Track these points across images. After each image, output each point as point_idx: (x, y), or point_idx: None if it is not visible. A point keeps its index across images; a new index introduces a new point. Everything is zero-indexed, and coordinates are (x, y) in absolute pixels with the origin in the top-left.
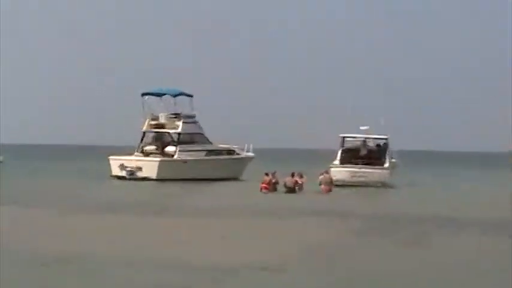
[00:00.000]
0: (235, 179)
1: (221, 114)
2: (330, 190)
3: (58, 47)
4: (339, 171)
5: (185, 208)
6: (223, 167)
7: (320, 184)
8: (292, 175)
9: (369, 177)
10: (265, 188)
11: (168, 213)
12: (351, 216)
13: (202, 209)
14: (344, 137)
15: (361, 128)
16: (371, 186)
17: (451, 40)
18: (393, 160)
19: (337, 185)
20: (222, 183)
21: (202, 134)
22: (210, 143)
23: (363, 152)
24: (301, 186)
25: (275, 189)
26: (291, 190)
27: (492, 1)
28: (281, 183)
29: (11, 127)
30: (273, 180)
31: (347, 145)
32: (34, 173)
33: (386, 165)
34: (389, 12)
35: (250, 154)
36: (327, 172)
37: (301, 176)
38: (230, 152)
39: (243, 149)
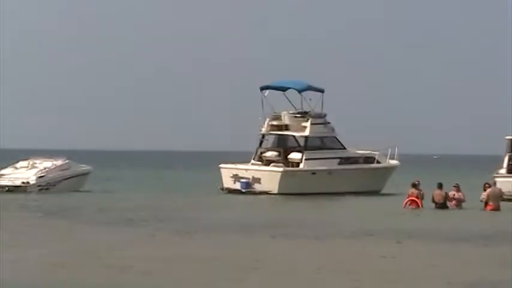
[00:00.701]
0: (375, 192)
1: (356, 112)
2: (497, 208)
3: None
4: (506, 182)
5: (342, 230)
6: (361, 179)
7: (484, 201)
8: (440, 186)
9: None
10: (413, 202)
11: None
12: None
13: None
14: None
15: None
16: None
17: None
18: None
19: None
20: (359, 198)
21: (335, 137)
22: (344, 148)
23: None
24: (458, 202)
25: (421, 205)
26: (441, 205)
27: None
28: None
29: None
30: (421, 192)
31: None
32: (135, 185)
33: None
34: None
35: (395, 162)
36: (494, 183)
37: (458, 189)
38: (369, 159)
39: (385, 155)
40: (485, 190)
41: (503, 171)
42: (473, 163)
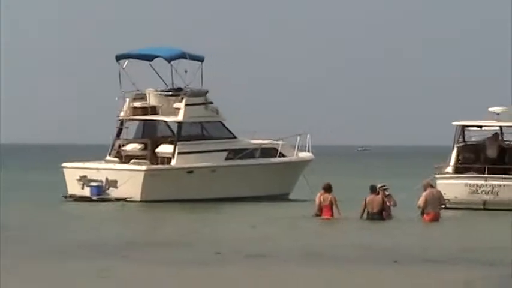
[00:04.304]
0: (281, 196)
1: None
2: (437, 217)
3: None
4: (452, 185)
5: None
6: (259, 179)
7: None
8: (374, 190)
9: (504, 193)
10: (327, 213)
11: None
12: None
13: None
14: (463, 127)
15: (492, 109)
16: (507, 208)
17: None
18: None
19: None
20: (254, 206)
21: (220, 122)
22: (234, 137)
23: (493, 152)
24: (388, 210)
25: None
26: (377, 215)
27: None
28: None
29: None
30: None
31: (469, 140)
32: None
33: None
34: None
35: (306, 155)
36: (431, 185)
37: (384, 192)
38: (269, 151)
39: (293, 146)
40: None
41: (449, 169)
42: (409, 156)
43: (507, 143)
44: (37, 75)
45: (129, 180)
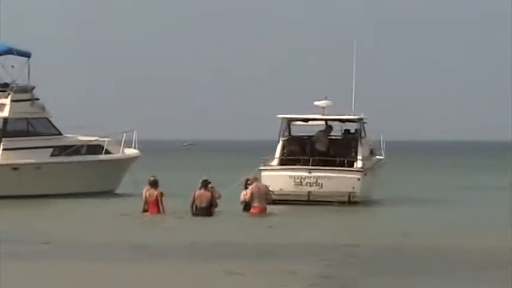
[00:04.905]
0: (107, 193)
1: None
2: (264, 210)
3: None
4: (276, 177)
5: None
6: (86, 175)
7: (247, 201)
8: (205, 185)
9: (328, 186)
10: (153, 206)
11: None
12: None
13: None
14: (289, 120)
15: (317, 103)
16: (331, 201)
17: None
18: (377, 157)
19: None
20: (82, 202)
21: (46, 119)
22: (60, 134)
23: (321, 145)
24: (216, 205)
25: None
26: (205, 211)
27: None
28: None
29: None
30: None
31: (293, 133)
32: None
33: (360, 164)
34: None
35: (133, 151)
36: (256, 179)
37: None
38: (96, 148)
39: (119, 143)
40: (246, 188)
41: (275, 162)
42: (237, 151)
43: (334, 136)
44: None
45: None
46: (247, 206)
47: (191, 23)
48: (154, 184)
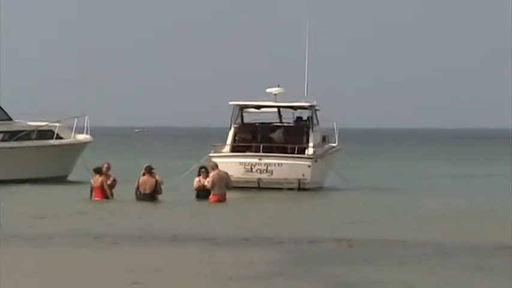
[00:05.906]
0: (58, 179)
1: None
2: (224, 198)
3: None
4: (227, 164)
5: None
6: (36, 161)
7: (200, 188)
8: (149, 171)
9: (278, 172)
10: (98, 193)
11: None
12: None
13: None
14: (241, 107)
15: (269, 90)
16: (281, 187)
17: None
18: (331, 144)
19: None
20: (32, 188)
21: None
22: (10, 119)
23: (275, 133)
24: (160, 192)
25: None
26: (148, 196)
27: None
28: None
29: None
30: (110, 179)
31: (246, 120)
32: None
33: (311, 151)
34: None
35: (85, 137)
36: (216, 166)
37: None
38: (46, 133)
39: (70, 128)
40: (199, 175)
41: (226, 149)
42: (189, 137)
43: (286, 124)
44: None
45: None
46: (199, 193)
47: None
48: (99, 171)
